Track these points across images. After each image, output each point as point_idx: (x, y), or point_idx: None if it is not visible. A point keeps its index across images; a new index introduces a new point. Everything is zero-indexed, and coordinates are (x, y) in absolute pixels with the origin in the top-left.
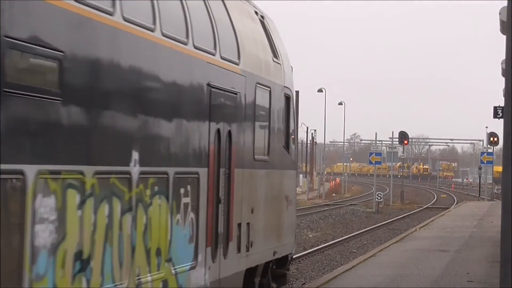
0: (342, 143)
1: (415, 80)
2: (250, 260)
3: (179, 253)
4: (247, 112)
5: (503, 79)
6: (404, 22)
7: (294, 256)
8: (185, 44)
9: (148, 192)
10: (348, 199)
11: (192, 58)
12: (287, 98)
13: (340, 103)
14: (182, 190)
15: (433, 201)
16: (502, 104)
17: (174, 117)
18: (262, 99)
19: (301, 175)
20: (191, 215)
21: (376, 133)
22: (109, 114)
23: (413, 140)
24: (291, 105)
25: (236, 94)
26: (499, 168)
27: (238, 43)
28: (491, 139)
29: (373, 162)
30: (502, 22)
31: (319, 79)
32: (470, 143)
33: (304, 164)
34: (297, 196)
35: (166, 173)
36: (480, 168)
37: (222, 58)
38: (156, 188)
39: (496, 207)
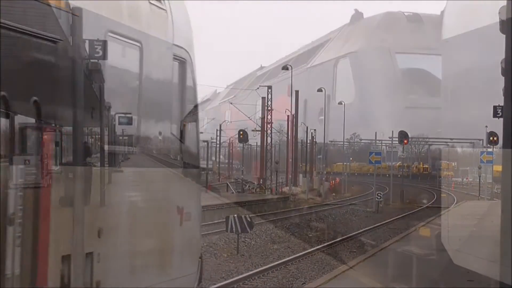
0: (342, 143)
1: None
2: None
3: None
4: (87, 75)
5: (503, 78)
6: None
7: (295, 256)
8: None
9: None
10: (348, 198)
11: None
12: (182, 64)
13: (340, 103)
14: None
15: (433, 200)
16: (502, 104)
17: None
18: (122, 58)
19: (300, 175)
20: None
21: (375, 133)
22: None
23: (413, 139)
24: (188, 74)
25: (55, 42)
26: (499, 168)
27: None
28: (491, 138)
29: (373, 162)
30: (501, 22)
31: (319, 78)
32: (470, 142)
33: (303, 164)
34: (297, 195)
35: None
36: (480, 168)
37: None
38: None
39: (496, 206)
